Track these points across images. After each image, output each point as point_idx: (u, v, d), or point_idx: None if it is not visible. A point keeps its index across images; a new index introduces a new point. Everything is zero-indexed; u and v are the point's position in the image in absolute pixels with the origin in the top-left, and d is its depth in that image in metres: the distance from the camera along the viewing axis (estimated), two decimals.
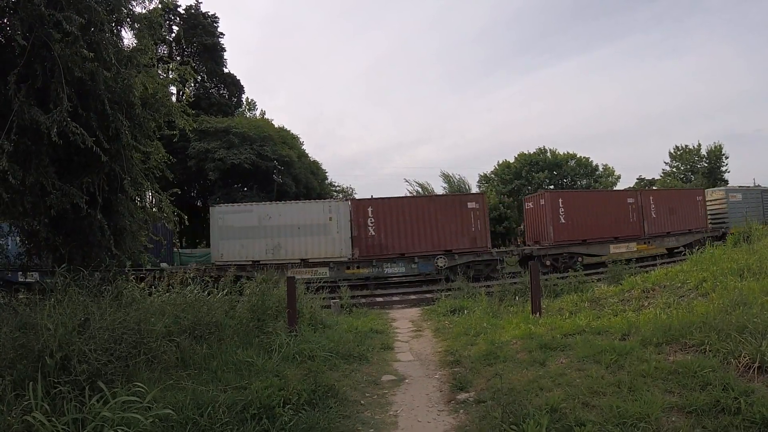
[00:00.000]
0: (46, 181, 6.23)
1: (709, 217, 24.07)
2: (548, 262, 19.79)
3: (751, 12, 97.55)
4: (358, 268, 18.48)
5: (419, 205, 19.58)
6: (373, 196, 20.99)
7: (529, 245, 22.00)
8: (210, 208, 20.03)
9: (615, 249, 21.05)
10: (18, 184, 5.84)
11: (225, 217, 18.62)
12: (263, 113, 45.55)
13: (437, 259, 18.64)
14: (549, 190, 32.94)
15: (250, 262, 17.98)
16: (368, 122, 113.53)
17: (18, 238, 7.62)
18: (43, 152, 6.25)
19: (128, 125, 7.01)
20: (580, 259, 20.28)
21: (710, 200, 25.07)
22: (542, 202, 21.26)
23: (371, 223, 18.74)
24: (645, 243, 21.73)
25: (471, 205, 19.33)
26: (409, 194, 40.72)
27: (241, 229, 18.44)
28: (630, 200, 21.98)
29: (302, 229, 18.49)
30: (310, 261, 18.40)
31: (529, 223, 22.99)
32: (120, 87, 6.92)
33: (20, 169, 5.84)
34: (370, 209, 18.87)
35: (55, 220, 6.78)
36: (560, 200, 20.73)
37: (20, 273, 12.79)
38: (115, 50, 6.85)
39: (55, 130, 5.76)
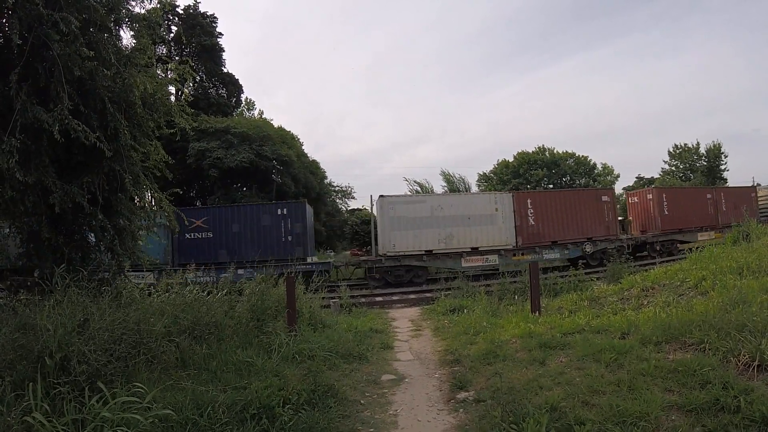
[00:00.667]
0: (47, 179, 6.23)
1: (760, 211, 27.38)
2: (657, 248, 23.07)
3: (750, 11, 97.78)
4: (522, 254, 20.42)
5: (567, 197, 22.17)
6: (530, 190, 24.63)
7: (634, 235, 24.36)
8: (379, 199, 20.16)
9: (701, 237, 23.86)
10: (20, 183, 5.85)
11: (396, 207, 19.48)
12: (261, 113, 45.58)
13: (584, 245, 21.28)
14: (656, 186, 35.63)
15: (423, 252, 19.19)
16: (368, 122, 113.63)
17: (18, 238, 7.59)
18: (42, 152, 6.25)
19: (127, 125, 7.00)
20: (677, 245, 23.38)
21: (761, 196, 29.39)
22: (649, 196, 24.47)
23: (531, 213, 20.82)
24: (719, 231, 24.17)
25: (604, 198, 22.25)
26: (409, 193, 40.90)
27: (414, 219, 19.34)
28: (708, 196, 25.67)
29: (471, 219, 19.97)
30: (480, 249, 19.87)
31: (636, 215, 25.61)
32: (119, 86, 6.91)
33: (21, 169, 5.84)
34: (529, 201, 21.02)
35: (55, 220, 6.78)
36: (664, 195, 24.17)
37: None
38: (115, 50, 6.84)
39: (57, 127, 5.76)
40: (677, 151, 52.79)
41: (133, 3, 7.48)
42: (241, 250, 18.38)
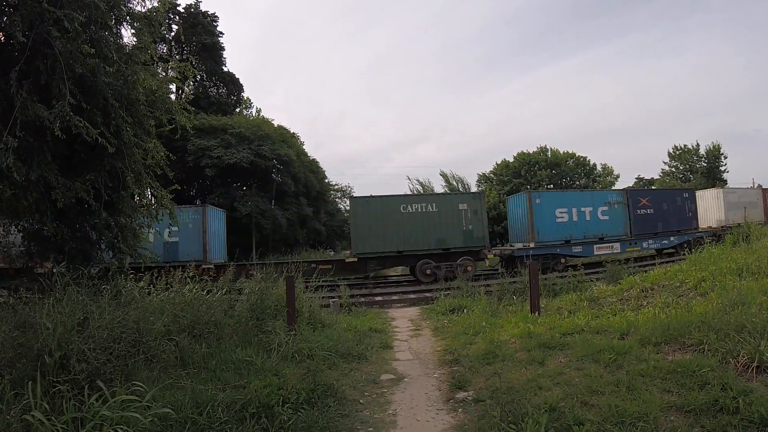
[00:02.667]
0: (50, 176, 6.23)
1: None
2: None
3: (751, 11, 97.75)
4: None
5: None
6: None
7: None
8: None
9: None
10: (22, 181, 5.85)
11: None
12: (259, 111, 45.59)
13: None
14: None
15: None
16: (368, 121, 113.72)
17: (20, 236, 7.59)
18: (45, 149, 6.26)
19: (130, 122, 7.01)
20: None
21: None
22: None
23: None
24: None
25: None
26: (410, 192, 41.06)
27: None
28: None
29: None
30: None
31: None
32: (121, 84, 6.92)
33: (23, 166, 5.85)
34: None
35: (58, 217, 6.79)
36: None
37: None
38: (116, 47, 6.84)
39: (58, 124, 5.76)
40: (677, 152, 52.83)
41: (135, 1, 7.49)
42: (667, 224, 23.22)
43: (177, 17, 34.32)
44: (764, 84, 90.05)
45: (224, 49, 37.35)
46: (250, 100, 46.52)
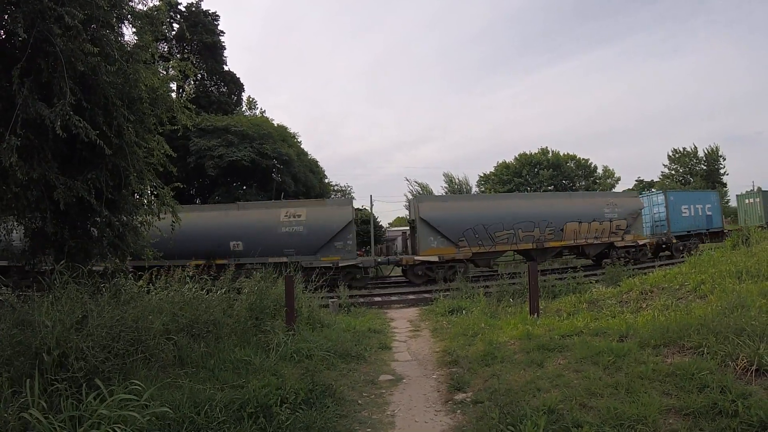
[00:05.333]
0: (51, 175, 6.23)
1: None
2: None
3: (754, 13, 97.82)
4: None
5: None
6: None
7: None
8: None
9: None
10: (23, 179, 5.85)
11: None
12: (263, 111, 45.58)
13: None
14: None
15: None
16: (370, 121, 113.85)
17: (22, 234, 7.58)
18: (46, 147, 6.26)
19: (132, 120, 7.01)
20: None
21: None
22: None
23: None
24: None
25: None
26: (411, 194, 41.18)
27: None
28: None
29: None
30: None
31: None
32: (122, 82, 6.92)
33: (25, 164, 5.84)
34: None
35: (60, 215, 6.78)
36: None
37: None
38: (117, 45, 6.84)
39: (58, 123, 5.76)
40: (676, 155, 52.91)
41: (136, 0, 7.49)
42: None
43: (178, 16, 34.36)
44: (766, 86, 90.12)
45: (225, 48, 37.50)
46: (255, 101, 46.54)
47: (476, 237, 19.33)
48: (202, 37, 34.85)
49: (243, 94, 41.75)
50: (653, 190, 35.51)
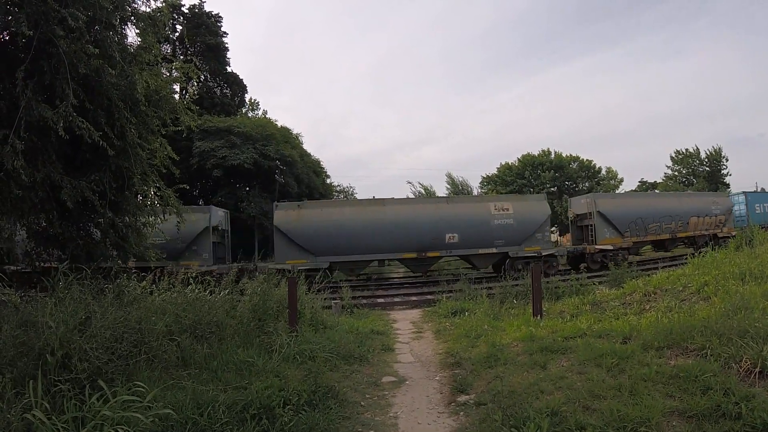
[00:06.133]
0: (56, 176, 6.25)
1: None
2: None
3: (756, 15, 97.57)
4: None
5: None
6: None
7: None
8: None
9: None
10: (28, 181, 5.87)
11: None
12: (265, 112, 45.58)
13: None
14: None
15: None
16: (373, 122, 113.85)
17: (25, 235, 7.60)
18: (50, 149, 6.28)
19: (135, 122, 7.03)
20: None
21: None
22: None
23: None
24: None
25: None
26: (412, 195, 41.20)
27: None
28: None
29: None
30: None
31: None
32: (125, 84, 6.94)
33: (29, 166, 5.86)
34: None
35: (63, 216, 6.80)
36: None
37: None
38: (120, 47, 6.85)
39: (61, 125, 5.78)
40: (679, 157, 52.76)
41: (139, 1, 7.51)
42: None
43: (181, 17, 34.41)
44: None
45: (228, 50, 37.40)
46: (257, 102, 46.53)
47: (636, 228, 22.17)
48: (206, 38, 34.86)
49: (246, 95, 41.78)
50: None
